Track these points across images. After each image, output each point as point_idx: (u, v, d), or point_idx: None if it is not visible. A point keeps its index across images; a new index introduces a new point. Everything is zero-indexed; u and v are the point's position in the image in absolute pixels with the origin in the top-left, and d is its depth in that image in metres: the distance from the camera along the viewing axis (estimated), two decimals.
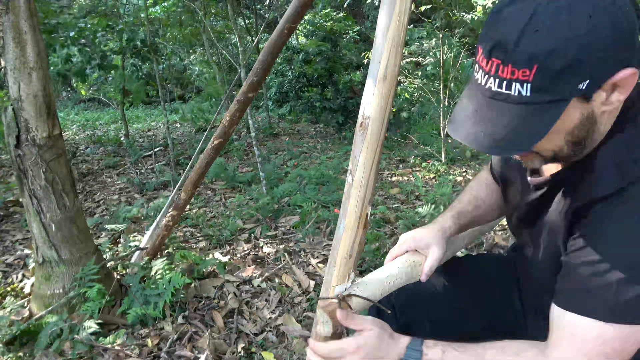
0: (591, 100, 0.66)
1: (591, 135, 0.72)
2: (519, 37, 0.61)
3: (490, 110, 0.68)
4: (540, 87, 0.63)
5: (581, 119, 0.68)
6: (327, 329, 0.88)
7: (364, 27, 8.71)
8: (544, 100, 0.63)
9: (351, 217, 0.86)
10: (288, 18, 1.70)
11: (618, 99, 0.66)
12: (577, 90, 0.63)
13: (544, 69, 0.61)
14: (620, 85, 0.65)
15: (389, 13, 0.78)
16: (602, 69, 0.62)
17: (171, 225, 2.46)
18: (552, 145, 0.73)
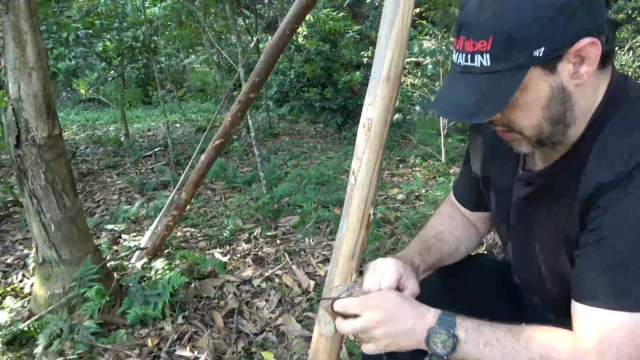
0: (556, 71, 0.69)
1: (570, 113, 0.74)
2: (477, 13, 0.69)
3: (460, 83, 0.74)
4: (497, 56, 0.68)
5: (551, 91, 0.71)
6: (330, 328, 0.88)
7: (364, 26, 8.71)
8: (503, 68, 0.68)
9: (354, 217, 0.86)
10: (290, 19, 1.69)
11: (587, 71, 0.69)
12: (534, 57, 0.67)
13: (498, 38, 0.67)
14: (584, 56, 0.68)
15: (392, 14, 0.78)
16: (554, 36, 0.66)
17: (172, 225, 2.46)
18: (530, 121, 0.75)
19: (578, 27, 0.66)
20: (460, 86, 0.74)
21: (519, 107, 0.74)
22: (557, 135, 0.76)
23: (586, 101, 0.75)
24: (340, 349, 0.96)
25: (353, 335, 0.85)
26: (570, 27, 0.66)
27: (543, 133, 0.76)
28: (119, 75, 6.23)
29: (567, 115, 0.74)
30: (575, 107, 0.74)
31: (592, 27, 0.67)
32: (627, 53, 6.15)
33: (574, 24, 0.66)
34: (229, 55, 7.27)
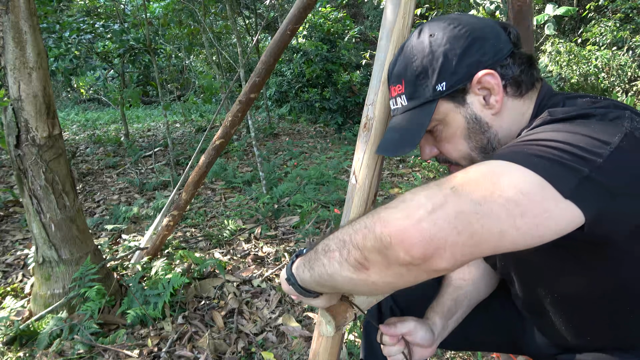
0: (466, 103, 0.78)
1: (496, 140, 0.79)
2: (394, 65, 0.83)
3: (392, 124, 0.86)
4: (411, 95, 0.80)
5: (466, 122, 0.79)
6: (330, 328, 0.88)
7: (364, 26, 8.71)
8: (416, 105, 0.79)
9: (354, 218, 0.86)
10: (291, 19, 1.69)
11: (496, 100, 0.76)
12: (437, 92, 0.77)
13: (407, 80, 0.80)
14: (488, 87, 0.76)
15: (393, 14, 0.78)
16: (451, 72, 0.76)
17: (172, 225, 2.46)
18: (460, 152, 0.82)
19: (473, 62, 0.75)
20: (391, 126, 0.86)
21: (445, 140, 0.83)
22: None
23: (512, 128, 0.79)
24: (340, 349, 0.96)
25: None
26: (465, 63, 0.75)
27: (476, 162, 0.78)
28: (119, 75, 6.23)
29: (492, 143, 0.79)
30: (499, 135, 0.79)
31: (489, 61, 0.75)
32: (627, 53, 6.16)
33: (468, 60, 0.75)
34: (228, 55, 7.27)
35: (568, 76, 6.06)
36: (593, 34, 6.26)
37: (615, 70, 5.88)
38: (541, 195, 0.54)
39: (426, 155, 0.87)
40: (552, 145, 0.59)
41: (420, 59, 0.78)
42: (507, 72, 0.76)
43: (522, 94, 0.78)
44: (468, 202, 0.53)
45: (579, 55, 6.01)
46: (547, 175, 0.55)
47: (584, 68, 6.00)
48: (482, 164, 0.60)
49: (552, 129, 0.64)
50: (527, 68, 0.78)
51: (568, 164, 0.56)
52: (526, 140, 0.63)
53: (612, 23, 6.13)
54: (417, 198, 0.55)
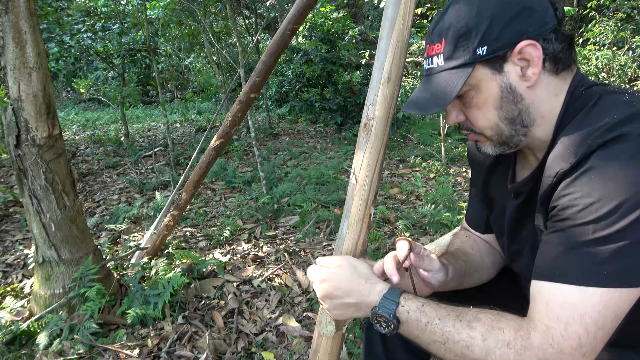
0: (503, 71, 0.77)
1: (526, 115, 0.79)
2: (435, 24, 0.82)
3: (424, 83, 0.84)
4: (449, 56, 0.78)
5: (501, 91, 0.78)
6: (330, 328, 0.88)
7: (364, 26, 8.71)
8: (453, 66, 0.78)
9: (354, 218, 0.86)
10: (291, 19, 1.69)
11: (533, 73, 0.76)
12: (478, 56, 0.76)
13: (448, 39, 0.78)
14: (528, 58, 0.75)
15: (393, 14, 0.78)
16: (495, 36, 0.75)
17: (172, 225, 2.46)
18: (488, 122, 0.81)
19: (518, 30, 0.74)
20: (422, 85, 0.84)
21: (475, 106, 0.81)
22: (518, 135, 0.81)
23: (543, 105, 0.79)
24: (340, 348, 0.96)
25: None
26: (510, 30, 0.74)
27: (503, 133, 0.82)
28: (119, 75, 6.23)
29: (523, 117, 0.79)
30: (530, 110, 0.79)
31: (534, 32, 0.75)
32: (627, 53, 6.16)
33: (514, 28, 0.74)
34: (228, 55, 7.26)
35: None
36: (594, 33, 6.26)
37: (616, 71, 5.88)
38: (629, 303, 0.66)
39: (451, 120, 0.86)
40: (622, 240, 0.63)
41: (465, 20, 0.76)
42: (548, 46, 0.76)
43: (558, 71, 0.78)
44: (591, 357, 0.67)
45: (579, 55, 6.01)
46: (633, 282, 0.64)
47: (584, 68, 6.00)
48: (579, 298, 0.66)
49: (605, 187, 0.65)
50: (568, 47, 0.78)
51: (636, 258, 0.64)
52: (587, 216, 0.66)
53: (613, 23, 6.13)
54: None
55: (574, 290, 0.65)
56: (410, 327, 0.77)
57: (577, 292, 0.65)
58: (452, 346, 0.72)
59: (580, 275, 0.65)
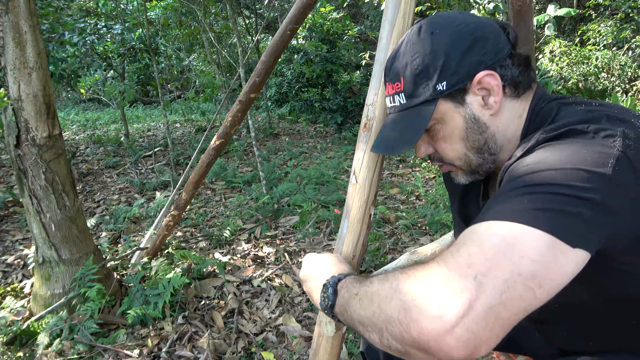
0: (465, 103, 0.77)
1: (493, 142, 0.80)
2: (392, 61, 0.82)
3: (388, 122, 0.85)
4: (410, 94, 0.79)
5: (465, 122, 0.78)
6: (330, 328, 0.88)
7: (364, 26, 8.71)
8: (416, 103, 0.78)
9: (354, 218, 0.86)
10: (291, 19, 1.69)
11: (495, 101, 0.77)
12: (438, 91, 0.76)
13: (406, 78, 0.78)
14: (487, 88, 0.76)
15: (393, 14, 0.78)
16: (452, 71, 0.75)
17: (172, 225, 2.46)
18: (456, 152, 0.82)
19: (474, 62, 0.75)
20: (388, 124, 0.85)
21: (442, 139, 0.82)
22: (487, 163, 0.82)
23: (508, 129, 0.79)
24: (340, 348, 0.96)
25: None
26: (466, 63, 0.75)
27: (472, 162, 0.82)
28: (119, 75, 6.23)
29: (489, 144, 0.80)
30: (496, 137, 0.79)
31: (490, 61, 0.75)
32: (627, 53, 6.16)
33: (470, 60, 0.75)
34: (228, 55, 7.26)
35: (568, 76, 6.06)
36: (593, 32, 6.25)
37: (616, 71, 5.88)
38: (553, 256, 0.57)
39: (421, 154, 0.87)
40: (550, 190, 0.59)
41: (421, 57, 0.76)
42: (506, 73, 0.76)
43: (519, 94, 0.79)
44: (494, 294, 0.55)
45: (579, 55, 6.01)
46: (553, 230, 0.57)
47: (584, 68, 6.00)
48: (490, 228, 0.60)
49: (546, 158, 0.64)
50: (525, 69, 0.78)
51: (570, 211, 0.58)
52: (524, 175, 0.64)
53: (613, 23, 6.13)
54: (444, 294, 0.56)
55: (484, 224, 0.61)
56: (343, 292, 0.74)
57: (485, 224, 0.61)
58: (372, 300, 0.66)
59: (494, 214, 0.61)
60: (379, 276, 0.69)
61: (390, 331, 0.61)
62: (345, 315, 0.72)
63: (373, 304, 0.65)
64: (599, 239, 0.59)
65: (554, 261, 0.57)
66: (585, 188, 0.58)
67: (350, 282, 0.75)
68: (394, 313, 0.60)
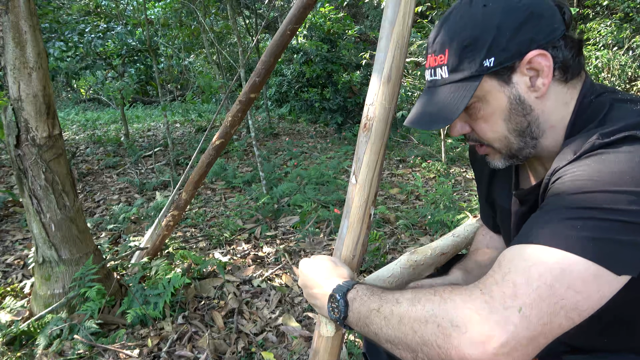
0: (512, 83, 0.73)
1: (536, 126, 0.76)
2: (437, 33, 0.77)
3: (426, 95, 0.80)
4: (453, 67, 0.74)
5: (509, 102, 0.75)
6: (330, 328, 0.88)
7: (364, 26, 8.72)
8: (459, 78, 0.74)
9: (354, 218, 0.86)
10: (291, 19, 1.69)
11: (543, 83, 0.73)
12: (485, 67, 0.72)
13: (452, 51, 0.74)
14: (537, 69, 0.72)
15: (393, 14, 0.78)
16: (502, 47, 0.71)
17: (172, 225, 2.46)
18: (496, 134, 0.78)
19: (526, 39, 0.70)
20: (426, 98, 0.80)
21: (483, 119, 0.78)
22: (527, 148, 0.79)
23: (553, 115, 0.76)
24: (340, 348, 0.96)
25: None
26: (518, 40, 0.70)
27: (512, 146, 0.79)
28: (119, 75, 6.23)
29: (532, 128, 0.76)
30: (540, 120, 0.76)
31: (543, 40, 0.71)
32: (627, 53, 6.16)
33: (522, 37, 0.70)
34: (228, 55, 7.26)
35: None
36: (593, 34, 6.26)
37: (616, 70, 5.88)
38: (597, 285, 0.57)
39: (456, 132, 0.82)
40: (603, 216, 0.58)
41: (470, 30, 0.72)
42: (558, 54, 0.72)
43: (568, 80, 0.75)
44: (537, 326, 0.56)
45: None
46: (601, 259, 0.56)
47: None
48: (538, 255, 0.58)
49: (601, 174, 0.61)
50: (577, 53, 0.74)
51: (621, 239, 0.57)
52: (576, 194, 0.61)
53: (612, 23, 6.13)
54: (488, 324, 0.56)
55: (531, 248, 0.59)
56: (357, 304, 0.74)
57: (532, 249, 0.59)
58: (403, 321, 0.66)
59: (543, 237, 0.59)
60: (406, 295, 0.68)
61: (427, 352, 0.61)
62: (367, 329, 0.72)
63: (404, 326, 0.65)
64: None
65: (597, 291, 0.57)
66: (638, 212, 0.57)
67: (365, 294, 0.74)
68: (432, 337, 0.60)
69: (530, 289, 0.56)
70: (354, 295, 0.75)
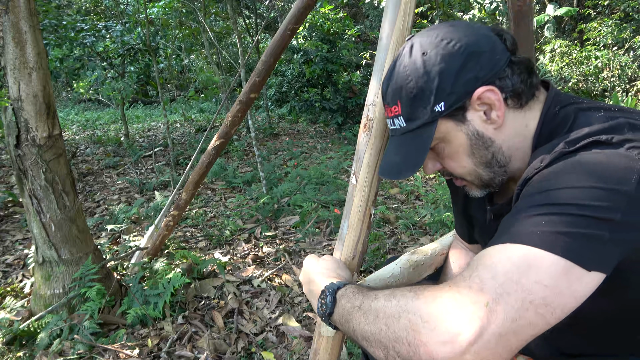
0: (467, 120, 0.75)
1: (500, 154, 0.77)
2: (387, 84, 0.79)
3: (392, 145, 0.83)
4: (409, 117, 0.76)
5: (469, 139, 0.76)
6: (331, 328, 0.88)
7: (364, 26, 8.71)
8: (416, 126, 0.76)
9: (355, 218, 0.86)
10: (291, 19, 1.69)
11: (497, 115, 0.74)
12: (436, 112, 0.74)
13: (403, 102, 0.76)
14: (488, 103, 0.73)
15: (393, 14, 0.78)
16: (449, 91, 0.72)
17: (172, 225, 2.46)
18: (465, 169, 0.80)
19: (471, 79, 0.72)
20: (392, 147, 0.83)
21: (449, 157, 0.80)
22: (498, 176, 0.80)
23: (515, 140, 0.77)
24: (340, 348, 0.96)
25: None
26: (462, 81, 0.72)
27: (482, 177, 0.81)
28: (119, 75, 6.23)
29: (497, 158, 0.78)
30: (503, 149, 0.77)
31: (487, 76, 0.72)
32: (627, 53, 6.16)
33: (465, 77, 0.72)
34: (228, 55, 7.27)
35: (568, 76, 6.06)
36: (593, 32, 6.25)
37: (616, 70, 5.88)
38: (567, 281, 0.56)
39: (429, 171, 0.85)
40: (569, 211, 0.58)
41: (415, 80, 0.74)
42: (506, 83, 0.73)
43: (523, 104, 0.76)
44: (505, 322, 0.55)
45: (579, 56, 6.01)
46: (569, 254, 0.56)
47: (584, 68, 6.00)
48: (504, 251, 0.59)
49: (567, 174, 0.62)
50: (527, 76, 0.75)
51: (588, 234, 0.57)
52: (542, 192, 0.62)
53: (613, 23, 6.13)
54: (455, 319, 0.56)
55: (498, 247, 0.61)
56: (344, 300, 0.75)
57: (499, 247, 0.61)
58: (379, 317, 0.66)
59: (510, 236, 0.61)
60: (385, 292, 0.69)
61: (398, 350, 0.61)
62: (347, 326, 0.72)
63: (379, 321, 0.65)
64: (617, 257, 0.58)
65: (568, 287, 0.56)
66: (606, 208, 0.57)
67: (352, 292, 0.75)
68: (402, 333, 0.60)
69: (496, 283, 0.56)
70: (342, 292, 0.76)
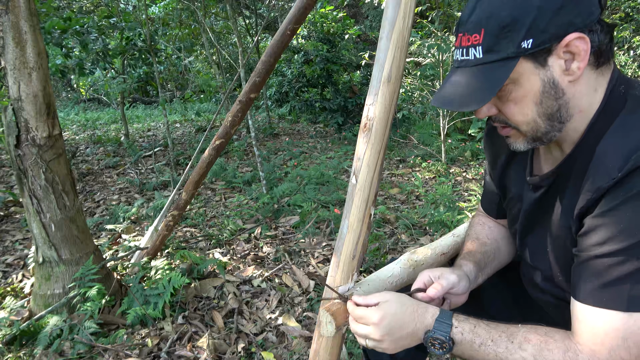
0: (547, 65, 0.72)
1: (565, 110, 0.75)
2: (471, 11, 0.75)
3: (457, 76, 0.78)
4: (489, 48, 0.72)
5: (543, 85, 0.73)
6: (331, 328, 0.88)
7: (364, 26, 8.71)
8: (494, 59, 0.72)
9: (355, 218, 0.86)
10: (291, 19, 1.69)
11: (578, 67, 0.72)
12: (522, 49, 0.70)
13: (489, 31, 0.71)
14: (574, 52, 0.71)
15: (393, 14, 0.78)
16: (541, 29, 0.69)
17: (172, 225, 2.46)
18: (525, 117, 0.77)
19: (565, 22, 0.69)
20: (456, 78, 0.78)
21: (513, 101, 0.76)
22: (553, 131, 0.78)
23: (582, 100, 0.76)
24: (340, 349, 0.96)
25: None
26: (557, 22, 0.69)
27: (539, 129, 0.78)
28: (120, 74, 6.23)
29: (561, 112, 0.76)
30: (570, 104, 0.75)
31: (581, 23, 0.70)
32: (627, 53, 6.16)
33: (561, 19, 0.69)
34: (228, 55, 7.27)
35: None
36: None
37: None
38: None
39: (482, 114, 0.81)
40: None
41: (509, 10, 0.70)
42: (594, 38, 0.71)
43: (599, 65, 0.75)
44: None
45: None
46: None
47: None
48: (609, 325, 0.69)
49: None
50: (610, 38, 0.74)
51: None
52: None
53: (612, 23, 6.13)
54: None
55: (619, 316, 0.68)
56: (464, 347, 0.79)
57: (621, 318, 0.67)
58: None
59: (625, 303, 0.67)
60: (507, 336, 0.77)
61: None
62: (464, 356, 0.81)
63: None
64: None
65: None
66: None
67: (468, 331, 0.80)
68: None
69: (632, 359, 0.67)
70: (459, 335, 0.80)
